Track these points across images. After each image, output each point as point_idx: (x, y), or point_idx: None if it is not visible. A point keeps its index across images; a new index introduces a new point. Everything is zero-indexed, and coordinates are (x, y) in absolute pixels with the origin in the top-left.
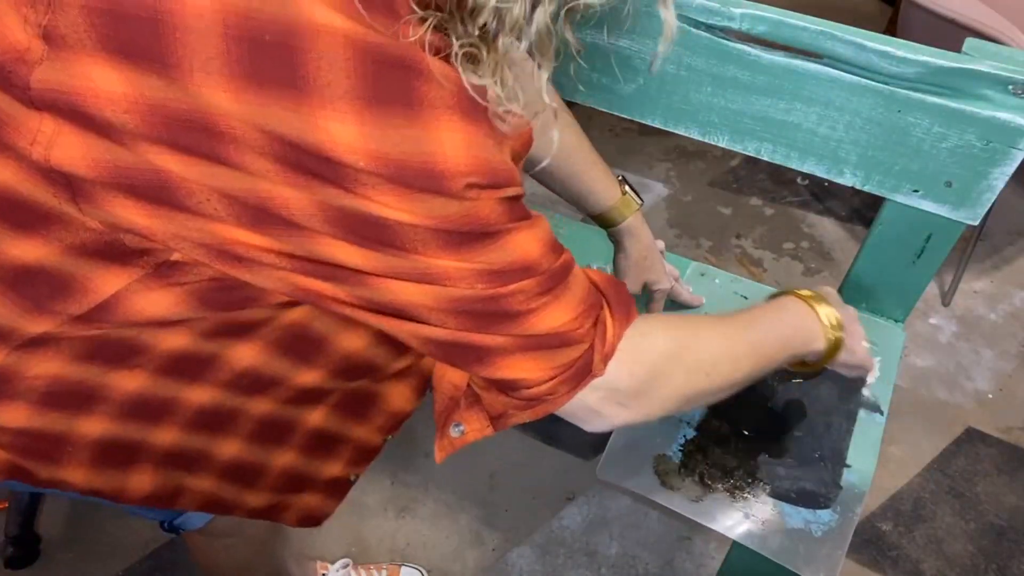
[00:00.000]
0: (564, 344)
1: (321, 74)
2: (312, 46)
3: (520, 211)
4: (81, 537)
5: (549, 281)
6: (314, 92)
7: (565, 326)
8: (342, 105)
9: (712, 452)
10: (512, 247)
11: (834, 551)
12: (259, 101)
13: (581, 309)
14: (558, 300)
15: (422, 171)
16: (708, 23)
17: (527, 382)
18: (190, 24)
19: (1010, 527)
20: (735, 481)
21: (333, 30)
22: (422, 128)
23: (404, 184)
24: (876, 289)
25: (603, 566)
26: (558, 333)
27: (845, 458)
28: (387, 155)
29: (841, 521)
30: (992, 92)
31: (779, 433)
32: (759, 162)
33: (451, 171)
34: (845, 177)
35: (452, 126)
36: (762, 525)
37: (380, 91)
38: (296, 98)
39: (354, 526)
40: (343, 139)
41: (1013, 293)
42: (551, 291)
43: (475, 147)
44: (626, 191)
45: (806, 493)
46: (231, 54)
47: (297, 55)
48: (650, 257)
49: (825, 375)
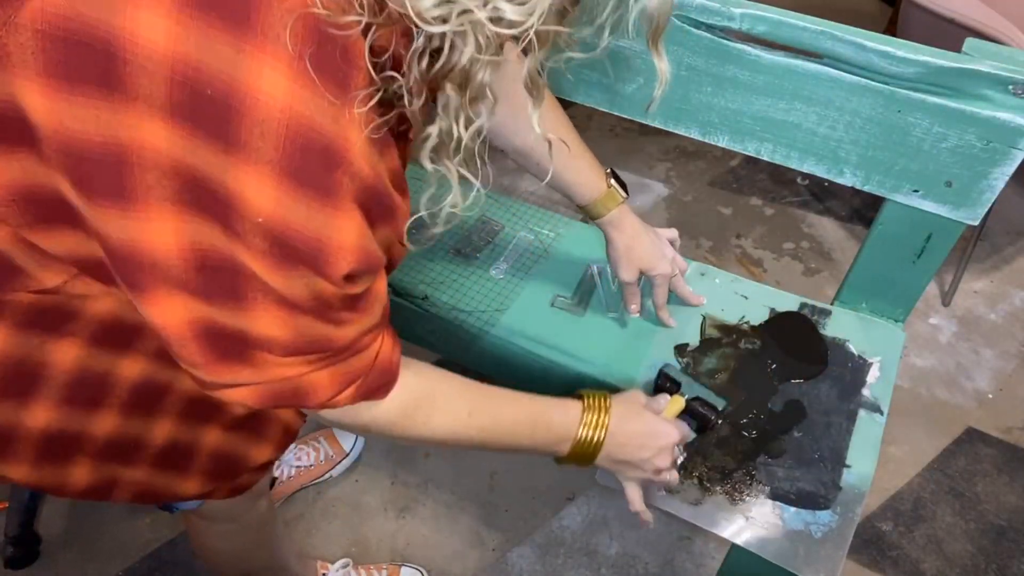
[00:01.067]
0: (301, 398)
1: (253, 139)
2: (250, 112)
3: (357, 304)
4: (81, 537)
5: (335, 358)
6: (243, 150)
7: (314, 393)
8: (265, 169)
9: (712, 454)
10: (331, 331)
11: (834, 552)
12: (191, 140)
13: (338, 383)
14: (326, 372)
15: (313, 247)
16: (708, 23)
17: (247, 407)
18: (141, 63)
19: (1010, 527)
20: (734, 483)
21: (273, 101)
22: (328, 214)
23: (288, 250)
24: (876, 289)
25: (603, 566)
26: (304, 394)
27: (845, 458)
28: (288, 223)
29: (841, 522)
30: (992, 92)
31: (779, 433)
32: (759, 162)
33: (337, 258)
34: (845, 177)
35: (351, 218)
36: (761, 528)
37: (302, 172)
38: (226, 150)
39: (354, 526)
40: (254, 196)
41: (1013, 293)
42: (326, 367)
43: (363, 238)
44: (611, 184)
45: (805, 494)
46: (173, 96)
47: (235, 116)
48: (638, 248)
49: (825, 375)
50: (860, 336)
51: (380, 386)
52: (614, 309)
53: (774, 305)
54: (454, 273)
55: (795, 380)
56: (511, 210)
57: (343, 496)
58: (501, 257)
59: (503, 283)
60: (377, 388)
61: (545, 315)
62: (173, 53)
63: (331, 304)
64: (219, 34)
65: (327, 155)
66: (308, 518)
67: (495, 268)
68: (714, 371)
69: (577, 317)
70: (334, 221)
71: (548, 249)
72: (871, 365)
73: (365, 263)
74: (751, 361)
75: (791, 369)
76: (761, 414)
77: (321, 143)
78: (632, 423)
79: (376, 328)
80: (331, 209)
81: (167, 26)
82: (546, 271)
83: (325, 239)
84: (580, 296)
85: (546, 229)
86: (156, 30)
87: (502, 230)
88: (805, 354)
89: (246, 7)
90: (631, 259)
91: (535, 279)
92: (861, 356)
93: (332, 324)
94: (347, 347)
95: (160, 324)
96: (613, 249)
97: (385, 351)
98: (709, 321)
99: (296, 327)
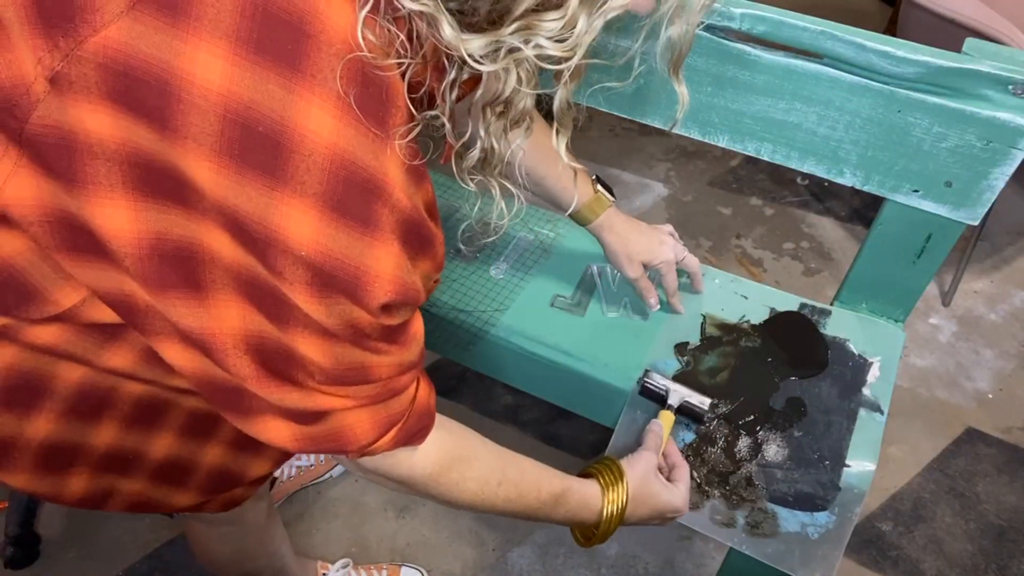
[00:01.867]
0: (342, 442)
1: (299, 173)
2: (298, 148)
3: (395, 336)
4: (81, 537)
5: (372, 397)
6: (288, 184)
7: (355, 439)
8: (308, 202)
9: (711, 457)
10: (369, 362)
11: (831, 552)
12: (236, 179)
13: (379, 426)
14: (366, 414)
15: (351, 276)
16: (708, 23)
17: (285, 448)
18: (196, 101)
19: (1010, 527)
20: (732, 487)
21: (319, 138)
22: (368, 244)
23: (327, 280)
24: (876, 289)
25: (603, 566)
26: (345, 439)
27: (845, 458)
28: (329, 252)
29: (839, 522)
30: (992, 92)
31: (779, 432)
32: (759, 162)
33: (375, 287)
34: (845, 177)
35: (389, 248)
36: (759, 531)
37: (345, 204)
38: (271, 185)
39: (354, 526)
40: (296, 229)
41: (1013, 293)
42: (366, 407)
43: (401, 269)
44: (598, 190)
45: (803, 496)
46: (224, 134)
47: (283, 152)
48: (633, 243)
49: (825, 373)
50: (860, 336)
51: (419, 430)
52: (614, 309)
53: (774, 305)
54: (454, 273)
55: (795, 378)
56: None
57: (343, 496)
58: (501, 257)
59: (503, 283)
60: (416, 432)
61: (545, 315)
62: (228, 92)
63: (367, 333)
64: (272, 76)
65: (368, 188)
66: (308, 518)
67: (495, 268)
68: (715, 370)
69: (577, 317)
70: (372, 250)
71: (548, 249)
72: (871, 364)
73: (403, 295)
74: (752, 360)
75: (792, 368)
76: (761, 413)
77: (363, 176)
78: (643, 507)
79: (413, 367)
80: (369, 239)
81: (223, 67)
82: (546, 271)
83: (364, 268)
84: (580, 296)
85: (546, 229)
86: (212, 70)
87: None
88: (806, 353)
89: (297, 51)
90: (630, 255)
91: (535, 279)
92: (861, 355)
93: (370, 352)
94: (386, 381)
95: (214, 330)
96: (610, 251)
97: (423, 394)
98: (709, 320)
99: (335, 354)
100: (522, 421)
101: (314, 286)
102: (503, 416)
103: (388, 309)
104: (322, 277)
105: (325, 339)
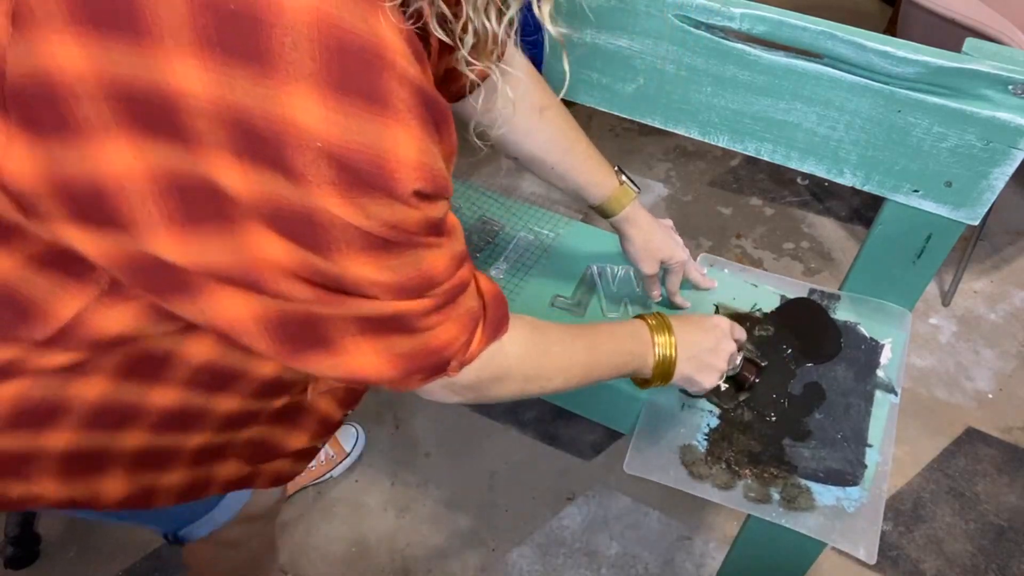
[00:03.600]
0: (437, 356)
1: (285, 50)
2: (277, 20)
3: (441, 227)
4: (81, 537)
5: (444, 297)
6: (278, 67)
7: (447, 345)
8: (306, 86)
9: (737, 439)
10: (424, 262)
11: (870, 525)
12: (225, 69)
13: (465, 327)
14: (449, 320)
15: (375, 165)
16: (708, 23)
17: (384, 380)
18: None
19: (1010, 527)
20: (763, 465)
21: (299, 4)
22: (382, 124)
23: (353, 176)
24: (876, 289)
25: (603, 566)
26: (438, 350)
27: (867, 437)
28: (344, 141)
29: (871, 497)
30: (992, 92)
31: (801, 416)
32: (759, 162)
33: (402, 173)
34: (845, 177)
35: (408, 129)
36: (795, 505)
37: (345, 81)
38: (261, 71)
39: (354, 526)
40: (304, 116)
41: (1013, 293)
42: (443, 309)
43: (425, 154)
44: (623, 181)
45: (833, 472)
46: (196, 21)
47: (263, 27)
48: (654, 240)
49: (840, 358)
50: (869, 319)
51: (501, 316)
52: (614, 309)
53: (784, 292)
54: None
55: (811, 364)
56: (511, 210)
57: (343, 496)
58: (501, 257)
59: (503, 283)
60: (500, 320)
61: (545, 315)
62: None
63: (411, 229)
64: None
65: (365, 57)
66: (308, 518)
67: (495, 268)
68: None
69: (577, 317)
70: (388, 131)
71: (548, 249)
72: (883, 346)
73: (431, 182)
74: (766, 347)
75: (807, 353)
76: (782, 398)
77: (357, 44)
78: (688, 323)
79: (465, 256)
80: (383, 119)
81: None
82: (546, 271)
83: (383, 153)
84: (580, 296)
85: (546, 229)
86: None
87: (502, 230)
88: (819, 338)
89: None
90: (650, 252)
91: (535, 279)
92: (873, 338)
93: (421, 248)
94: (446, 279)
95: (256, 260)
96: (631, 245)
97: (484, 282)
98: (721, 310)
99: (389, 266)
100: (522, 421)
101: (341, 185)
102: (503, 416)
103: (424, 197)
104: (346, 172)
105: (373, 252)
